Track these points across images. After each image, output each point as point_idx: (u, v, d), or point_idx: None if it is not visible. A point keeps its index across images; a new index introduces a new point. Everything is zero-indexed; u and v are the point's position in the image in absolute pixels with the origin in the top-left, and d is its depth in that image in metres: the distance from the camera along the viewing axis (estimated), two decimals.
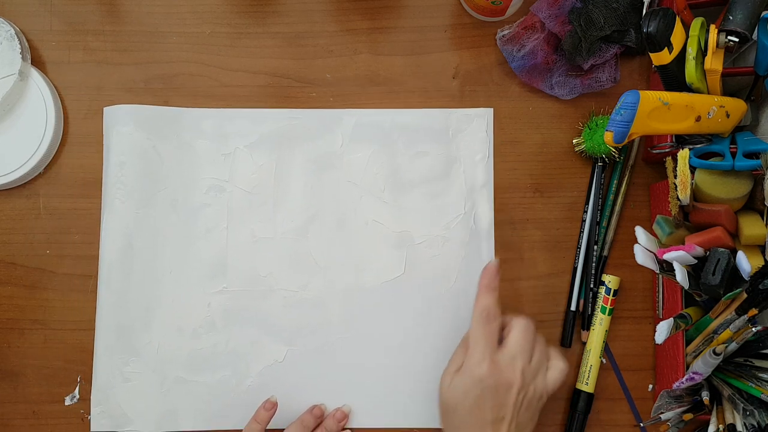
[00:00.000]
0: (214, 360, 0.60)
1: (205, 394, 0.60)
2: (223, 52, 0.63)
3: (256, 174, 0.62)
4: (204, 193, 0.61)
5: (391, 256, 0.61)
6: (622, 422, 0.60)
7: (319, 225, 0.61)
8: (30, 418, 0.60)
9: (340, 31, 0.64)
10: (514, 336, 0.52)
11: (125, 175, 0.61)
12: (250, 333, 0.60)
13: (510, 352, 0.52)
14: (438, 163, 0.61)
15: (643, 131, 0.48)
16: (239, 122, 0.62)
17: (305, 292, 0.61)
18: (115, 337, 0.60)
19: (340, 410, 0.59)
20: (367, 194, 0.61)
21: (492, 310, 0.53)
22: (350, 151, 0.62)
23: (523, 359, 0.51)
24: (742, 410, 0.48)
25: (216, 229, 0.61)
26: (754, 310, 0.47)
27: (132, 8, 0.64)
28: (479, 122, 0.62)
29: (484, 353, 0.51)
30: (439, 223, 0.61)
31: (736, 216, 0.50)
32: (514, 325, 0.53)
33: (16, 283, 0.61)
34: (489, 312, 0.53)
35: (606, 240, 0.61)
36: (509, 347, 0.52)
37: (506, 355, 0.51)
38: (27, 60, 0.62)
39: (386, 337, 0.60)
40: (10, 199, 0.62)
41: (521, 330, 0.53)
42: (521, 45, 0.60)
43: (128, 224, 0.61)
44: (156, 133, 0.61)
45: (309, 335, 0.60)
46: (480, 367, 0.51)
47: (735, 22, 0.47)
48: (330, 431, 0.58)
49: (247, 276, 0.61)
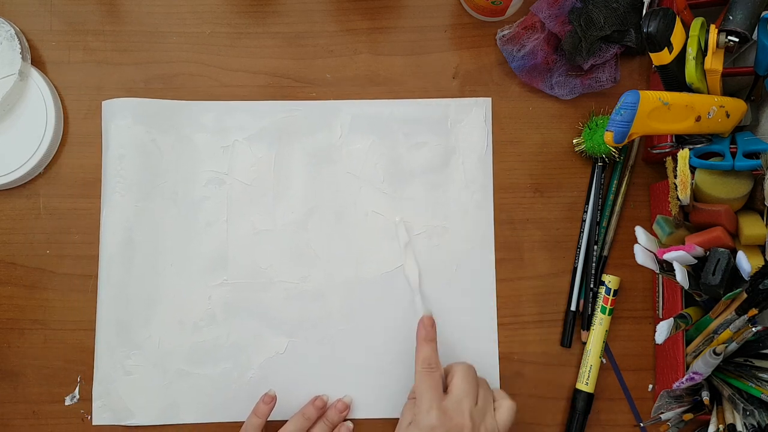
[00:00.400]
0: (216, 353, 0.60)
1: (206, 387, 0.60)
2: (223, 52, 0.63)
3: (256, 166, 0.62)
4: (203, 186, 0.61)
5: (390, 247, 0.61)
6: (622, 422, 0.60)
7: (319, 217, 0.61)
8: (30, 418, 0.60)
9: (340, 31, 0.64)
10: (457, 381, 0.53)
11: (124, 169, 0.61)
12: (251, 325, 0.60)
13: (455, 397, 0.52)
14: (437, 154, 0.62)
15: (643, 131, 0.48)
16: (238, 115, 0.62)
17: (305, 284, 0.61)
18: (116, 330, 0.60)
19: (341, 401, 0.59)
20: (366, 185, 0.61)
21: (433, 360, 0.54)
22: (349, 143, 0.62)
23: (469, 402, 0.52)
24: (742, 410, 0.48)
25: (216, 222, 0.61)
26: (754, 310, 0.47)
27: (132, 8, 0.64)
28: (477, 112, 0.62)
29: (431, 402, 0.52)
30: (439, 213, 0.61)
31: (736, 216, 0.50)
32: (456, 371, 0.54)
33: (16, 283, 0.61)
34: (430, 362, 0.54)
35: (606, 240, 0.61)
36: (454, 392, 0.52)
37: (452, 401, 0.52)
38: (27, 60, 0.62)
39: (386, 329, 0.60)
40: (10, 199, 0.62)
41: (463, 374, 0.53)
42: (521, 45, 0.60)
43: (128, 218, 0.61)
44: (155, 126, 0.61)
45: (310, 327, 0.60)
46: (429, 416, 0.51)
47: (735, 22, 0.47)
48: (332, 422, 0.58)
49: (248, 268, 0.61)
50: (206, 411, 0.60)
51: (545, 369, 0.60)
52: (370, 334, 0.60)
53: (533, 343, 0.61)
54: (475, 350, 0.60)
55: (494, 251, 0.61)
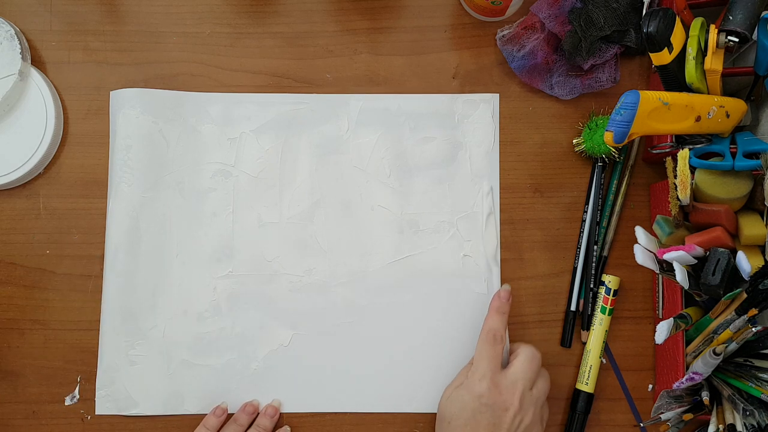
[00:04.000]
0: (220, 344, 0.60)
1: (210, 378, 0.60)
2: (223, 52, 0.63)
3: (262, 158, 0.62)
4: (210, 178, 0.61)
5: (396, 241, 0.61)
6: (622, 422, 0.60)
7: (325, 210, 0.61)
8: (30, 418, 0.60)
9: (340, 31, 0.64)
10: (519, 361, 0.53)
11: (131, 159, 0.61)
12: (256, 317, 0.60)
13: (512, 376, 0.52)
14: (444, 149, 0.62)
15: (643, 131, 0.48)
16: (245, 107, 0.62)
17: (311, 277, 0.61)
18: (120, 320, 0.60)
19: (271, 406, 0.59)
20: (372, 179, 0.62)
21: (499, 333, 0.54)
22: (356, 136, 0.62)
23: (524, 385, 0.52)
24: (742, 410, 0.48)
25: (222, 214, 0.61)
26: (754, 310, 0.47)
27: (132, 8, 0.64)
28: (485, 107, 0.62)
29: (486, 372, 0.52)
30: (445, 208, 0.61)
31: (736, 216, 0.50)
32: (521, 351, 0.54)
33: (16, 283, 0.61)
34: (495, 334, 0.54)
35: (606, 240, 0.61)
36: (512, 371, 0.52)
37: (508, 379, 0.52)
38: (27, 60, 0.62)
39: (391, 322, 0.60)
40: (10, 199, 0.62)
41: (527, 357, 0.53)
42: (521, 45, 0.60)
43: (134, 207, 0.61)
44: (162, 116, 0.62)
45: (314, 319, 0.60)
46: (480, 384, 0.51)
47: (735, 22, 0.47)
48: (264, 427, 0.58)
49: (253, 260, 0.61)
50: (210, 402, 0.60)
51: (545, 369, 0.60)
52: (375, 327, 0.60)
53: (533, 343, 0.60)
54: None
55: (500, 246, 0.61)
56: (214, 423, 0.58)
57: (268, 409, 0.59)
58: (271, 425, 0.59)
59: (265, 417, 0.59)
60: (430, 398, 0.59)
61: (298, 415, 0.60)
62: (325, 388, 0.60)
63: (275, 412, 0.59)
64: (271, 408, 0.59)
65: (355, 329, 0.60)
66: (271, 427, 0.59)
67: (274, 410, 0.59)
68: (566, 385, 0.60)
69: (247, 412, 0.59)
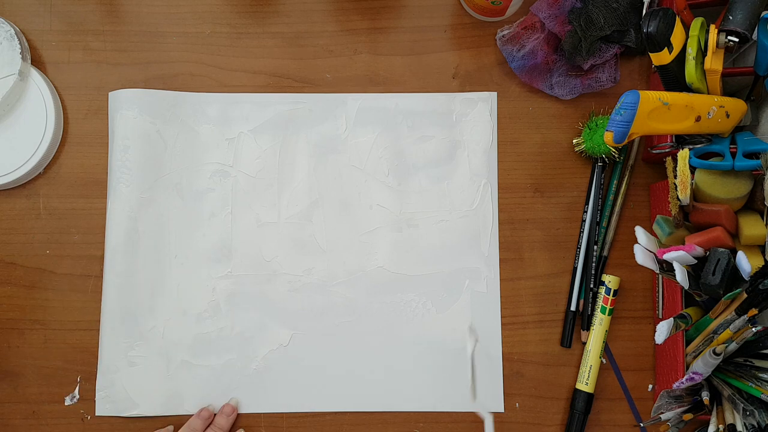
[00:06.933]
0: (220, 344, 0.60)
1: (210, 378, 0.60)
2: (223, 52, 0.63)
3: (261, 158, 0.62)
4: (208, 178, 0.62)
5: (395, 239, 0.61)
6: (622, 422, 0.60)
7: (324, 209, 0.61)
8: (30, 418, 0.60)
9: (340, 31, 0.64)
10: None
11: (129, 159, 0.61)
12: (255, 317, 0.61)
13: None
14: (442, 147, 0.62)
15: (643, 131, 0.48)
16: (243, 107, 0.62)
17: (310, 277, 0.61)
18: (120, 321, 0.60)
19: (228, 405, 0.59)
20: (371, 178, 0.62)
21: None
22: (354, 135, 0.62)
23: None
24: (742, 410, 0.48)
25: (220, 214, 0.61)
26: (754, 310, 0.47)
27: (132, 8, 0.64)
28: (483, 106, 0.62)
29: None
30: (443, 206, 0.61)
31: (736, 216, 0.50)
32: None
33: (16, 283, 0.61)
34: None
35: (606, 240, 0.61)
36: None
37: None
38: (27, 60, 0.62)
39: (390, 321, 0.60)
40: (10, 199, 0.62)
41: None
42: (521, 45, 0.60)
43: (133, 208, 0.61)
44: (160, 117, 0.62)
45: (313, 319, 0.61)
46: None
47: (735, 22, 0.47)
48: (221, 427, 0.58)
49: (252, 260, 0.61)
50: (210, 402, 0.60)
51: (545, 369, 0.60)
52: (374, 326, 0.60)
53: (533, 343, 0.61)
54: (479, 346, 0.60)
55: (500, 246, 0.61)
56: (198, 426, 0.58)
57: (225, 408, 0.59)
58: (229, 425, 0.58)
59: (222, 416, 0.58)
60: (430, 398, 0.60)
61: (298, 415, 0.60)
62: (324, 388, 0.60)
63: (232, 411, 0.59)
64: (229, 407, 0.59)
65: (355, 329, 0.60)
66: (229, 426, 0.58)
67: (231, 408, 0.59)
68: (566, 385, 0.60)
69: (203, 417, 0.58)
